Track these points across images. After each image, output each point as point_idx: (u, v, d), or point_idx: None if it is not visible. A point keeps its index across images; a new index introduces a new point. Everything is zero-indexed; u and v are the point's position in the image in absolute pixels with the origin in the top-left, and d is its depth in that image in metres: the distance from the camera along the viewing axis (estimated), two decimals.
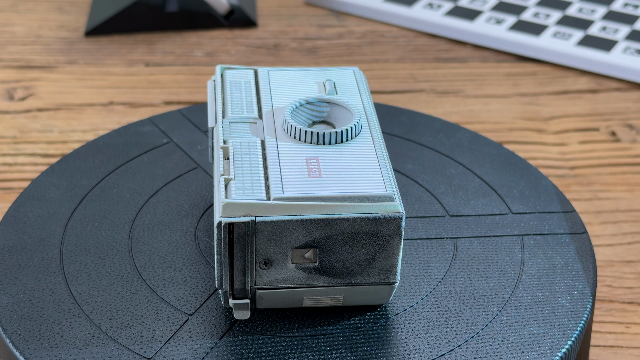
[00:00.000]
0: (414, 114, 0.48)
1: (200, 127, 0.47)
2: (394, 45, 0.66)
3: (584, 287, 0.37)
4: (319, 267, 0.34)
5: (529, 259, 0.39)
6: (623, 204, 0.51)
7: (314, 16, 0.70)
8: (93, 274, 0.37)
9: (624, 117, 0.59)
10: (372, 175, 0.34)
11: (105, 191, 0.42)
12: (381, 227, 0.33)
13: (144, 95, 0.60)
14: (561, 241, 0.40)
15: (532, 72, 0.63)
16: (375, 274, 0.34)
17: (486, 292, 0.37)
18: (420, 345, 0.35)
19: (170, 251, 0.39)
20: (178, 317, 0.36)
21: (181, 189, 0.42)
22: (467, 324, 0.36)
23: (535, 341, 0.35)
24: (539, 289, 0.37)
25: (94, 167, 0.44)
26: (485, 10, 0.69)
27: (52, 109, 0.58)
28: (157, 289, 0.37)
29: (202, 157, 0.44)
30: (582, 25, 0.67)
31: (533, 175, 0.44)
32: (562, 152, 0.55)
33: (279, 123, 0.37)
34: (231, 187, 0.33)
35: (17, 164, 0.53)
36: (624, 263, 0.47)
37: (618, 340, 0.42)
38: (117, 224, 0.40)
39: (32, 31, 0.67)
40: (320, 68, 0.41)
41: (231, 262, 0.33)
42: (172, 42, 0.66)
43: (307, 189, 0.33)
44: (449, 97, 0.60)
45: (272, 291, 0.34)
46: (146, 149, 0.45)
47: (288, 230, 0.33)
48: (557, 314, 0.36)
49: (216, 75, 0.40)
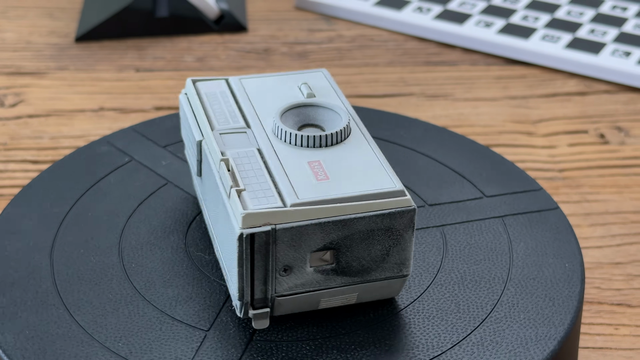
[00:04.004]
0: (369, 111, 0.49)
1: (157, 142, 0.46)
2: (384, 49, 0.67)
3: (571, 259, 0.39)
4: (336, 268, 0.34)
5: (515, 238, 0.40)
6: (612, 206, 0.51)
7: (304, 20, 0.71)
8: (95, 301, 0.37)
9: (612, 119, 0.59)
10: (378, 173, 0.35)
11: (80, 216, 0.41)
12: (395, 221, 0.34)
13: (135, 101, 0.60)
14: (539, 218, 0.41)
15: (521, 75, 0.64)
16: (390, 268, 0.35)
17: (485, 274, 0.38)
18: (440, 332, 0.36)
19: (167, 270, 0.38)
20: (195, 334, 0.35)
21: (158, 207, 0.42)
22: (477, 306, 0.37)
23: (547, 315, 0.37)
24: (533, 266, 0.39)
25: (61, 192, 0.42)
26: (474, 14, 0.69)
27: (43, 115, 0.58)
28: (165, 309, 0.36)
29: (169, 173, 0.44)
30: (570, 28, 0.68)
31: (496, 159, 0.45)
32: (551, 155, 0.55)
33: (269, 130, 0.37)
34: (245, 197, 0.33)
35: (8, 170, 0.53)
36: (613, 265, 0.47)
37: (607, 342, 0.43)
38: (103, 248, 0.39)
39: (22, 37, 0.67)
40: (290, 72, 0.41)
41: (252, 273, 0.33)
42: (162, 48, 0.66)
43: (320, 192, 0.34)
44: (439, 100, 0.61)
45: (291, 297, 0.34)
46: (110, 169, 0.44)
47: (307, 235, 0.33)
48: (555, 286, 0.38)
49: (187, 89, 0.40)
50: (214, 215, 0.37)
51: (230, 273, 0.35)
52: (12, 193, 0.51)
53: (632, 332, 0.43)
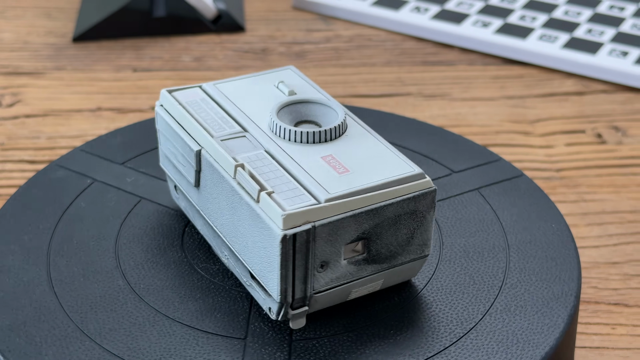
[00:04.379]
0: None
1: (113, 160, 0.45)
2: (382, 49, 0.67)
3: (556, 220, 0.42)
4: (367, 257, 0.35)
5: (497, 207, 0.42)
6: (609, 206, 0.51)
7: (302, 20, 0.71)
8: (118, 328, 0.35)
9: (610, 119, 0.59)
10: (393, 160, 0.36)
11: (65, 245, 0.40)
12: (419, 204, 0.35)
13: (132, 101, 0.60)
14: (511, 186, 0.44)
15: (518, 75, 0.64)
16: (414, 250, 0.36)
17: (485, 245, 0.40)
18: (467, 305, 0.37)
19: (179, 285, 0.38)
20: (234, 344, 0.35)
21: (142, 225, 0.41)
22: (489, 275, 0.38)
23: (555, 273, 0.39)
24: (524, 231, 0.41)
25: (34, 223, 0.41)
26: (471, 14, 0.69)
27: (40, 115, 0.58)
28: (193, 324, 0.36)
29: (138, 189, 0.43)
30: (568, 27, 0.68)
31: (451, 137, 0.47)
32: (548, 155, 0.55)
33: (267, 131, 0.37)
34: (277, 199, 0.33)
35: (5, 170, 0.53)
36: (610, 264, 0.47)
37: (604, 341, 0.43)
38: (104, 273, 0.38)
39: (19, 37, 0.67)
40: (260, 73, 0.41)
41: (293, 273, 0.33)
42: (160, 48, 0.66)
43: (347, 185, 0.34)
44: (436, 100, 0.61)
45: (327, 292, 0.35)
46: (75, 193, 0.42)
47: (342, 228, 0.34)
48: (552, 246, 0.40)
49: (163, 100, 0.39)
50: (225, 223, 0.36)
51: (265, 278, 0.34)
52: (9, 193, 0.51)
53: (629, 331, 0.43)
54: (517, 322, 0.36)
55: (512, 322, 0.36)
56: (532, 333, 0.36)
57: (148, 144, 0.46)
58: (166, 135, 0.39)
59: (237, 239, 0.36)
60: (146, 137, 0.47)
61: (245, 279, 0.36)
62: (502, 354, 0.35)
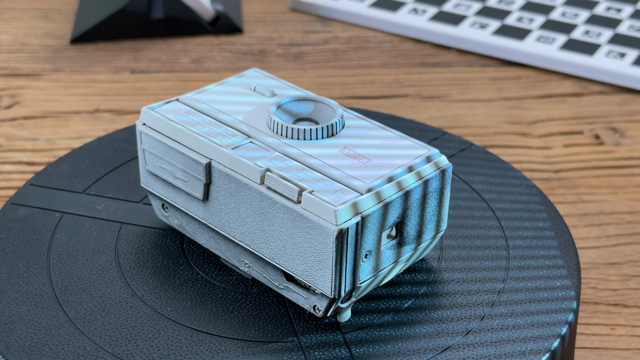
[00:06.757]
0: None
1: (73, 190, 0.43)
2: (380, 51, 0.67)
3: (523, 181, 0.44)
4: (399, 241, 0.36)
5: (468, 180, 0.44)
6: (607, 207, 0.51)
7: (300, 22, 0.71)
8: (146, 346, 0.34)
9: (607, 120, 0.59)
10: (405, 144, 0.37)
11: (67, 282, 0.37)
12: (440, 181, 0.36)
13: (130, 103, 0.60)
14: (466, 156, 0.45)
15: (516, 76, 0.64)
16: (434, 227, 0.37)
17: (479, 217, 0.41)
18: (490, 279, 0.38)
19: (208, 301, 0.36)
20: (293, 348, 0.34)
21: (136, 250, 0.39)
22: (499, 247, 0.40)
23: (559, 230, 0.41)
24: (506, 199, 0.42)
25: (24, 267, 0.38)
26: (469, 15, 0.70)
27: (39, 117, 0.58)
28: (241, 336, 0.35)
29: (114, 215, 0.41)
30: (565, 29, 0.68)
31: (397, 122, 0.48)
32: (546, 156, 0.55)
33: (272, 133, 0.37)
34: (322, 196, 0.33)
35: (4, 172, 0.53)
36: (609, 265, 0.47)
37: (603, 342, 0.43)
38: (123, 304, 0.36)
39: (17, 39, 0.67)
40: (228, 79, 0.40)
41: (345, 266, 0.34)
42: (157, 49, 0.66)
43: (377, 173, 0.35)
44: (434, 101, 0.61)
45: (368, 280, 0.35)
46: (49, 230, 0.40)
47: (383, 216, 0.34)
48: (538, 206, 0.42)
49: (145, 118, 0.38)
50: (248, 231, 0.36)
51: (312, 276, 0.34)
52: (7, 195, 0.51)
53: (628, 332, 0.43)
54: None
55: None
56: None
57: (99, 169, 0.44)
58: (155, 153, 0.38)
59: (267, 245, 0.35)
60: (93, 162, 0.45)
61: (277, 282, 0.36)
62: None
